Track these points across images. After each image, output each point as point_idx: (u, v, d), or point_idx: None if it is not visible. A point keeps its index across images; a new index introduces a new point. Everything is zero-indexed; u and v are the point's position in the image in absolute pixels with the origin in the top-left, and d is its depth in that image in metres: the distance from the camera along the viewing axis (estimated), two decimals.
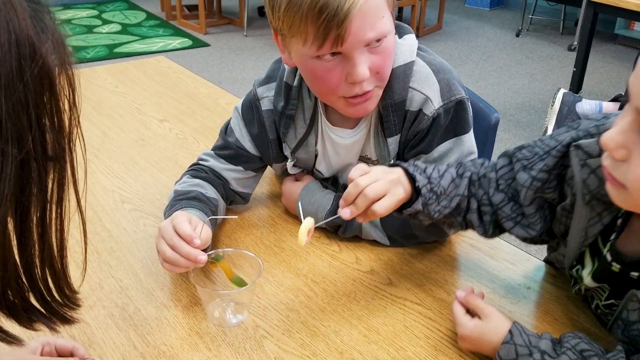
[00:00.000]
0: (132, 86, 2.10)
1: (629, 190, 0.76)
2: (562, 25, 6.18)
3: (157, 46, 5.62)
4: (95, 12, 6.72)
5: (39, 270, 0.61)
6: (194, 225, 1.07)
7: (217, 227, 1.27)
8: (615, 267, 0.91)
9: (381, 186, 0.99)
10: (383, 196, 0.99)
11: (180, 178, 1.31)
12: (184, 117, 1.86)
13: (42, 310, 0.63)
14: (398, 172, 1.03)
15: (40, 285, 0.62)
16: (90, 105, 1.93)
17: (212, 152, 1.34)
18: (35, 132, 0.54)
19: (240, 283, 1.05)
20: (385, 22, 1.05)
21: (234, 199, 1.34)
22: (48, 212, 0.59)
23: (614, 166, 0.77)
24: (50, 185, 0.58)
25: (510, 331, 0.93)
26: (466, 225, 1.11)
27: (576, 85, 3.93)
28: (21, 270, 0.59)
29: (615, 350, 0.89)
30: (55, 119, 0.57)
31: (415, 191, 1.04)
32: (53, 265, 0.62)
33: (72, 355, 0.92)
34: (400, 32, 1.21)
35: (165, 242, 1.05)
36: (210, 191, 1.26)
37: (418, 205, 1.04)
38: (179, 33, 6.06)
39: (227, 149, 1.32)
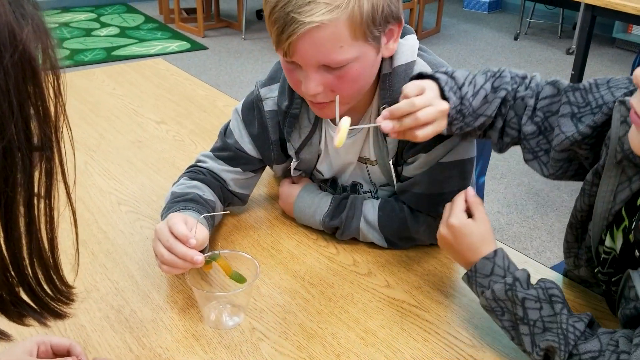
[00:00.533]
0: (129, 88, 2.09)
1: None
2: (560, 29, 6.19)
3: (156, 49, 5.62)
4: (93, 15, 6.72)
5: (27, 263, 0.59)
6: (189, 226, 1.07)
7: (214, 228, 1.26)
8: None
9: (433, 114, 1.00)
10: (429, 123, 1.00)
11: (178, 180, 1.31)
12: (181, 119, 1.85)
13: (33, 304, 0.61)
14: (435, 90, 1.03)
15: (30, 279, 0.60)
16: (87, 107, 1.92)
17: (211, 153, 1.33)
18: (17, 120, 0.52)
19: (240, 279, 1.05)
20: (344, 52, 1.04)
21: (232, 201, 1.33)
22: (36, 204, 0.58)
23: None
24: (37, 176, 0.57)
25: (495, 251, 0.98)
26: (482, 136, 1.11)
27: None
28: (9, 263, 0.58)
29: (584, 314, 0.91)
30: (40, 108, 0.56)
31: None
32: (43, 259, 0.61)
33: (68, 353, 0.91)
34: (402, 33, 1.20)
35: (162, 244, 1.05)
36: (207, 193, 1.26)
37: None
38: (177, 36, 6.06)
39: (226, 151, 1.31)
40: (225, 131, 1.34)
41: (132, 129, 1.78)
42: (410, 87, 1.02)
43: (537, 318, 0.92)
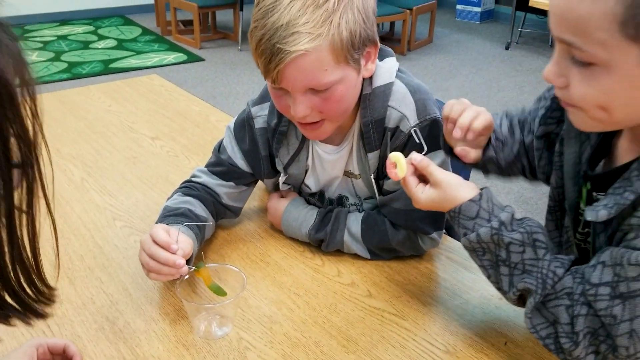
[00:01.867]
0: (124, 105, 2.15)
1: (581, 109, 0.84)
2: (551, 38, 6.26)
3: (153, 61, 5.68)
4: (91, 28, 6.79)
5: (10, 269, 0.64)
6: (172, 234, 1.13)
7: (205, 242, 1.32)
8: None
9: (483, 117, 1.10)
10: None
11: (172, 195, 1.37)
12: (175, 135, 1.91)
13: (16, 306, 0.66)
14: None
15: (13, 283, 0.65)
16: (84, 124, 1.99)
17: (206, 169, 1.40)
18: None
19: (218, 291, 1.11)
20: (328, 75, 1.11)
21: (225, 214, 1.40)
22: (17, 216, 0.62)
23: (562, 93, 0.85)
24: (20, 191, 0.62)
25: (480, 193, 1.00)
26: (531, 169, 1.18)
27: None
28: None
29: (567, 257, 0.95)
30: (18, 129, 0.60)
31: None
32: (25, 265, 0.65)
33: (64, 352, 0.97)
34: (381, 55, 1.27)
35: (145, 253, 1.11)
36: (199, 208, 1.31)
37: (491, 152, 1.13)
38: (174, 48, 6.13)
39: (219, 166, 1.38)
40: (219, 147, 1.40)
41: (128, 145, 1.84)
42: (465, 111, 1.11)
43: (518, 261, 0.95)
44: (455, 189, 1.01)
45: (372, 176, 1.28)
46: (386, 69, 1.25)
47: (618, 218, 0.89)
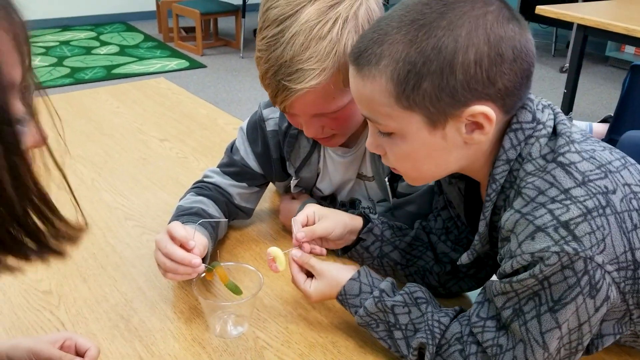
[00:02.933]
0: (132, 107, 2.15)
1: (403, 171, 0.96)
2: (554, 47, 6.28)
3: (155, 67, 5.69)
4: (93, 34, 6.80)
5: (18, 207, 0.62)
6: (188, 231, 1.11)
7: (217, 242, 1.31)
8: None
9: None
10: None
11: (184, 195, 1.36)
12: (184, 137, 1.91)
13: (33, 245, 0.65)
14: None
15: (26, 222, 0.64)
16: (92, 125, 1.98)
17: (218, 169, 1.39)
18: None
19: (235, 289, 1.09)
20: (337, 101, 1.11)
21: (237, 215, 1.39)
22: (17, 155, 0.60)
23: (385, 161, 0.95)
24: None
25: (358, 271, 1.05)
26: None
27: (567, 106, 4.01)
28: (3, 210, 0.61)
29: (452, 308, 1.01)
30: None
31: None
32: (34, 203, 0.64)
33: (83, 354, 0.96)
34: None
35: (161, 252, 1.09)
36: (212, 208, 1.30)
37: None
38: (176, 55, 6.13)
39: (232, 167, 1.37)
40: (232, 148, 1.40)
41: (137, 146, 1.84)
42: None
43: (407, 322, 1.00)
44: (336, 274, 1.06)
45: (386, 179, 1.27)
46: None
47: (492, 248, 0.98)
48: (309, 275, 1.09)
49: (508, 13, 0.83)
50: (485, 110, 0.83)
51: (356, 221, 1.17)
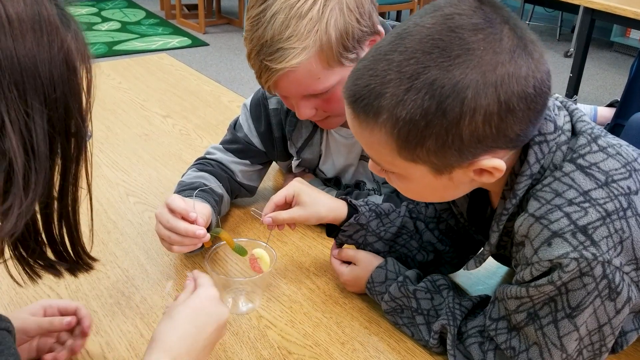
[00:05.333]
0: (135, 82, 2.12)
1: (409, 197, 0.93)
2: (559, 32, 6.23)
3: (156, 45, 5.64)
4: (94, 10, 6.74)
5: (58, 240, 0.73)
6: (187, 202, 1.09)
7: (220, 220, 1.29)
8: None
9: None
10: None
11: (186, 171, 1.34)
12: (187, 114, 1.88)
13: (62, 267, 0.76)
14: None
15: (62, 252, 0.75)
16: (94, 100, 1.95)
17: (221, 146, 1.37)
18: (60, 107, 0.65)
19: (242, 252, 1.08)
20: (323, 82, 1.08)
21: (240, 192, 1.37)
22: (71, 177, 0.70)
23: (390, 183, 0.90)
24: (71, 155, 0.69)
25: (386, 260, 1.08)
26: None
27: (572, 91, 3.98)
28: (41, 227, 0.71)
29: (478, 295, 1.00)
30: (76, 100, 0.68)
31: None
32: (72, 236, 0.73)
33: (74, 314, 0.94)
34: None
35: (163, 226, 1.07)
36: (213, 184, 1.28)
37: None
38: (178, 32, 6.08)
39: (235, 143, 1.35)
40: (235, 125, 1.37)
41: (139, 122, 1.81)
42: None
43: (429, 307, 1.00)
44: (370, 259, 1.09)
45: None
46: None
47: (508, 250, 0.94)
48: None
49: (521, 50, 0.73)
50: (494, 164, 0.78)
51: (337, 213, 1.11)
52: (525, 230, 0.82)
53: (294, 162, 1.36)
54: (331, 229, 1.16)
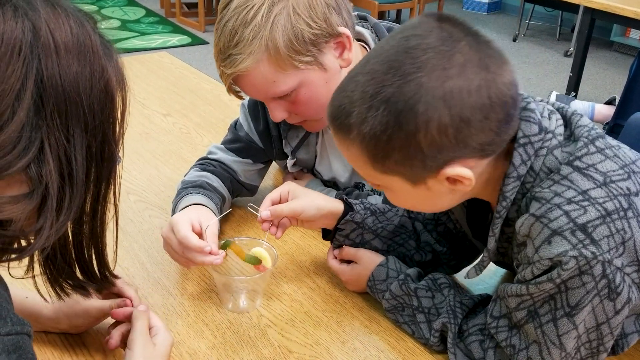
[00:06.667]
0: (135, 81, 2.10)
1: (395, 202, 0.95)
2: (559, 31, 6.23)
3: (156, 43, 5.63)
4: (94, 8, 6.69)
5: (86, 246, 0.76)
6: (197, 222, 1.09)
7: (220, 220, 1.29)
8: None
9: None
10: None
11: (188, 171, 1.34)
12: (187, 112, 1.88)
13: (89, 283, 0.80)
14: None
15: (88, 272, 0.80)
16: None
17: (222, 145, 1.37)
18: (98, 135, 0.69)
19: (255, 260, 1.07)
20: (280, 85, 1.10)
21: (241, 192, 1.37)
22: (102, 198, 0.74)
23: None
24: (103, 179, 0.73)
25: (387, 258, 1.08)
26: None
27: (572, 90, 3.98)
28: (72, 247, 0.75)
29: (479, 294, 1.01)
30: (110, 127, 0.71)
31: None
32: (97, 243, 0.77)
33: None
34: (382, 39, 1.24)
35: (176, 253, 1.08)
36: (216, 183, 1.29)
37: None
38: (178, 30, 6.07)
39: (237, 142, 1.35)
40: (236, 124, 1.38)
41: (139, 121, 1.81)
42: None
43: (430, 305, 1.01)
44: (371, 256, 1.10)
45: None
46: None
47: (509, 257, 0.95)
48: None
49: (473, 65, 0.76)
50: (459, 172, 0.80)
51: (335, 205, 1.11)
52: (526, 230, 0.83)
53: (289, 162, 1.36)
54: (326, 233, 1.17)
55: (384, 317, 1.07)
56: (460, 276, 1.17)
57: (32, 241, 0.68)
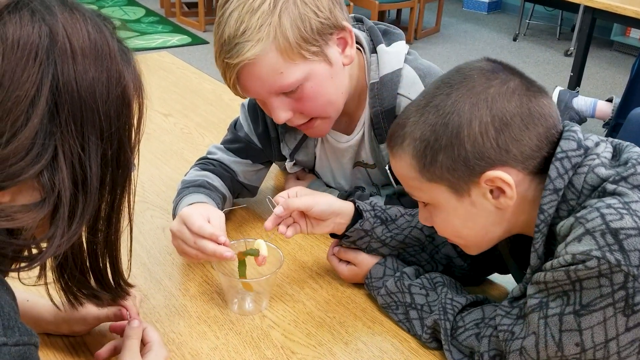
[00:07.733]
0: None
1: (450, 239, 0.99)
2: (559, 31, 6.22)
3: (156, 42, 5.63)
4: (94, 7, 6.72)
5: (100, 255, 0.75)
6: (205, 217, 1.08)
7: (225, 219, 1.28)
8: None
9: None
10: None
11: (188, 171, 1.33)
12: (188, 112, 1.88)
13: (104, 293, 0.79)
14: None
15: (103, 281, 0.78)
16: None
17: (222, 145, 1.36)
18: (114, 141, 0.68)
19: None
20: (286, 76, 1.07)
21: (241, 192, 1.36)
22: (116, 206, 0.73)
23: (437, 231, 0.98)
24: (118, 187, 0.72)
25: (385, 257, 1.11)
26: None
27: (573, 89, 3.97)
28: (87, 257, 0.74)
29: (473, 295, 1.03)
30: (126, 134, 0.71)
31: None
32: (115, 266, 0.77)
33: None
34: (389, 40, 1.23)
35: (188, 245, 1.07)
36: (216, 182, 1.28)
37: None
38: (178, 30, 6.07)
39: (237, 143, 1.34)
40: (236, 124, 1.37)
41: None
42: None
43: (424, 303, 1.03)
44: (369, 258, 1.12)
45: (387, 167, 1.24)
46: (394, 55, 1.21)
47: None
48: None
49: (516, 82, 0.86)
50: (500, 175, 0.85)
51: (345, 204, 1.11)
52: (567, 230, 0.83)
53: (288, 164, 1.35)
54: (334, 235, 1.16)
55: (387, 318, 1.07)
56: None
57: (43, 249, 0.67)
